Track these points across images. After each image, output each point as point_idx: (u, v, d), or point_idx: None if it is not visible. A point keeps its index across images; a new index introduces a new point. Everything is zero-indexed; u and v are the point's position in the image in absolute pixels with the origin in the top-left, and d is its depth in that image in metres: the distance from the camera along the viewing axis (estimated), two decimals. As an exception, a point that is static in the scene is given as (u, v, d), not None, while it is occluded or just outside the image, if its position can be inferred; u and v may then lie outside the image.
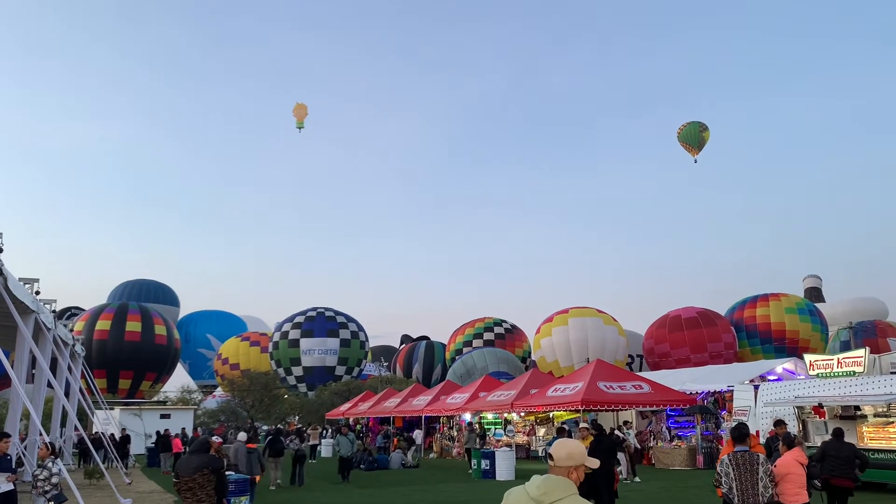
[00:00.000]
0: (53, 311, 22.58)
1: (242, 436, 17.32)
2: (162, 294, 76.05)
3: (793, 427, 18.09)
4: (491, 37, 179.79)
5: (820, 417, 18.69)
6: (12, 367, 17.72)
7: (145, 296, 72.58)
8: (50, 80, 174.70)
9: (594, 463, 3.55)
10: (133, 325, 56.37)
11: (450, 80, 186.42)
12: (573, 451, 3.38)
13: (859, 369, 19.55)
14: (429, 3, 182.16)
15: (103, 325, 55.59)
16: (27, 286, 18.55)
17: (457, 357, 58.29)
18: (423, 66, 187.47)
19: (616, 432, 21.94)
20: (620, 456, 19.13)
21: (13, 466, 10.68)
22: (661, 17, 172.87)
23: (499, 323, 63.99)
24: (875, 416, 17.37)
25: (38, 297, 19.60)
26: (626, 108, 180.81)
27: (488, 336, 61.55)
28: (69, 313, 64.36)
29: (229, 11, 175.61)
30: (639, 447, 25.51)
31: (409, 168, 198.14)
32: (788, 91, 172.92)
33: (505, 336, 62.00)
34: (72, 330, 38.83)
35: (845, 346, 44.89)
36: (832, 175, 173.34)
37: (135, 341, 55.81)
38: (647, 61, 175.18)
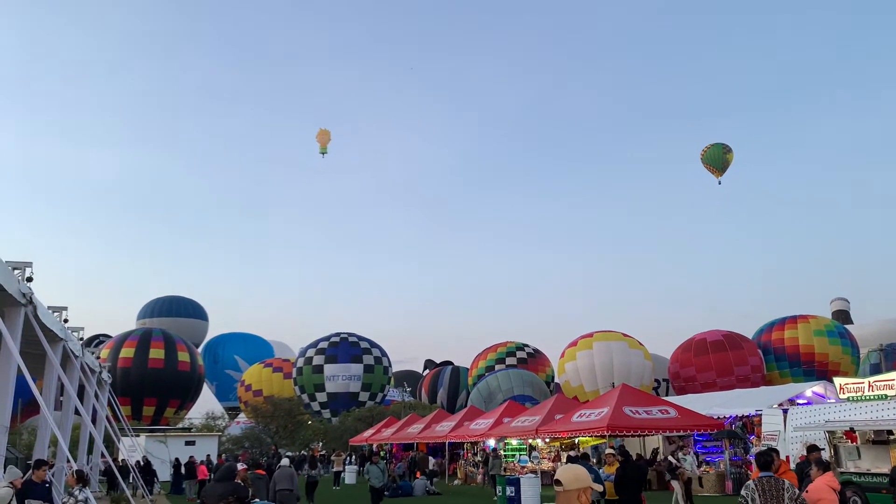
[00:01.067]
0: (81, 339, 22.89)
1: (286, 461, 17.38)
2: (192, 309, 76.90)
3: (824, 453, 17.74)
4: (509, 57, 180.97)
5: (852, 442, 18.32)
6: (41, 394, 17.95)
7: (175, 311, 73.48)
8: (76, 108, 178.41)
9: (598, 486, 3.79)
10: (156, 353, 56.83)
11: (465, 105, 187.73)
12: (579, 473, 3.60)
13: (891, 392, 19.17)
14: (441, 29, 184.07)
15: (127, 352, 56.13)
16: (56, 314, 18.83)
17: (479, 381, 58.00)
18: (438, 89, 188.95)
19: (670, 458, 21.53)
20: (675, 484, 18.78)
21: (51, 495, 10.68)
22: (678, 41, 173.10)
23: (521, 347, 63.64)
24: (909, 440, 17.00)
25: (67, 325, 19.87)
26: (647, 131, 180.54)
27: (511, 361, 61.19)
28: (97, 341, 65.10)
29: (251, 39, 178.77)
30: (697, 475, 24.37)
31: (429, 192, 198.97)
32: (814, 112, 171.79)
33: (528, 360, 61.59)
34: (98, 357, 39.28)
35: (875, 369, 44.04)
36: (858, 196, 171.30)
37: (158, 368, 56.22)
38: (667, 84, 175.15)
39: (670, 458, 21.78)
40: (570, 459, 17.57)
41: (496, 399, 48.13)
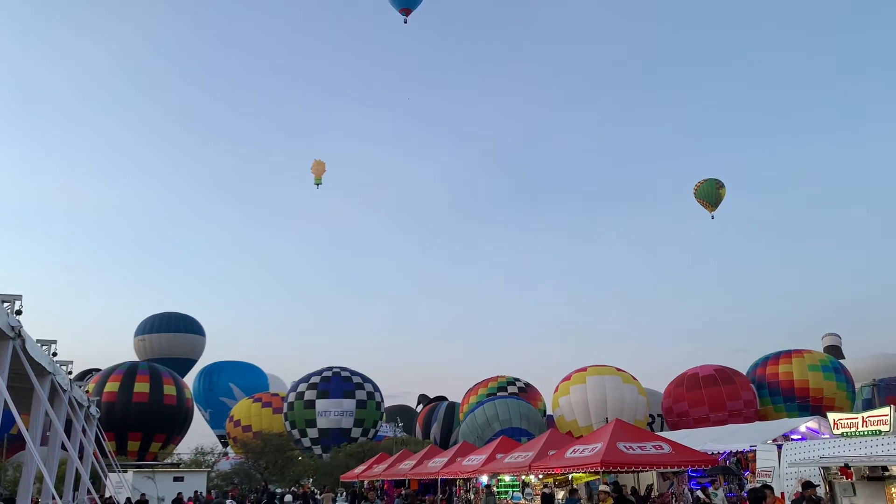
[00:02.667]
0: (70, 373, 22.64)
1: (289, 497, 17.17)
2: (189, 325, 76.55)
3: (819, 489, 17.59)
4: (503, 95, 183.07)
5: (847, 478, 18.20)
6: (27, 429, 17.70)
7: (173, 326, 73.11)
8: (67, 141, 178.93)
9: None
10: (141, 386, 56.05)
11: (463, 141, 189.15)
12: None
13: (885, 428, 19.07)
14: (442, 63, 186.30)
15: (112, 386, 55.40)
16: (44, 347, 18.66)
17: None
18: (437, 127, 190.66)
19: (699, 494, 21.19)
20: None
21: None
22: (670, 79, 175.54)
23: (512, 382, 63.27)
24: (904, 476, 16.89)
25: (56, 359, 19.67)
26: (638, 166, 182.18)
27: (502, 395, 60.81)
28: (89, 375, 64.56)
29: (248, 70, 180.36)
30: None
31: (424, 228, 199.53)
32: (805, 149, 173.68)
33: (519, 395, 61.22)
34: (87, 391, 38.79)
35: (868, 405, 43.95)
36: (849, 232, 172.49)
37: (142, 402, 55.42)
38: (658, 120, 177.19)
39: (699, 493, 21.43)
40: (571, 494, 17.37)
41: (492, 429, 47.62)
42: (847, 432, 20.15)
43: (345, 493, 41.90)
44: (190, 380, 76.75)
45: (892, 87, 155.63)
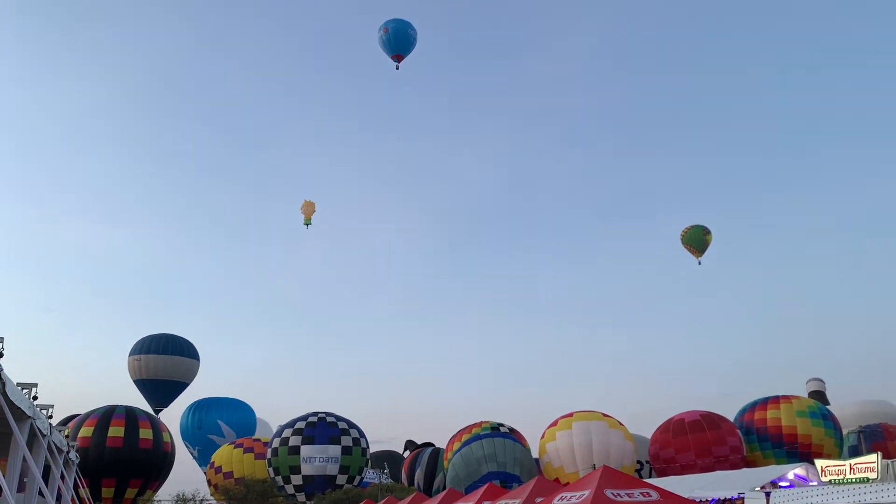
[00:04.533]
0: (50, 417, 22.31)
1: None
2: (184, 348, 75.81)
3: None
4: (487, 138, 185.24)
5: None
6: (3, 475, 17.32)
7: (167, 348, 72.39)
8: (54, 182, 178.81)
9: None
10: (116, 431, 54.88)
11: (443, 180, 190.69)
12: None
13: (873, 475, 19.06)
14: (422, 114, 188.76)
15: (86, 431, 54.24)
16: (25, 391, 18.41)
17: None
18: (417, 167, 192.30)
19: None
20: None
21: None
22: (654, 124, 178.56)
23: (496, 427, 62.66)
24: (892, 524, 16.82)
25: (36, 403, 19.40)
26: (624, 210, 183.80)
27: (498, 434, 60.09)
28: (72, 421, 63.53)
29: (235, 109, 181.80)
30: None
31: (412, 271, 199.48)
32: (790, 195, 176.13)
33: (513, 434, 60.58)
34: (66, 436, 38.12)
35: (854, 451, 43.89)
36: (833, 276, 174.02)
37: (117, 447, 54.22)
38: (644, 165, 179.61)
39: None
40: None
41: (484, 469, 46.90)
42: (835, 479, 20.12)
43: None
44: (179, 404, 76.04)
45: (871, 135, 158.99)
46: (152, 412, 64.96)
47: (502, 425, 62.97)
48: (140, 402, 71.41)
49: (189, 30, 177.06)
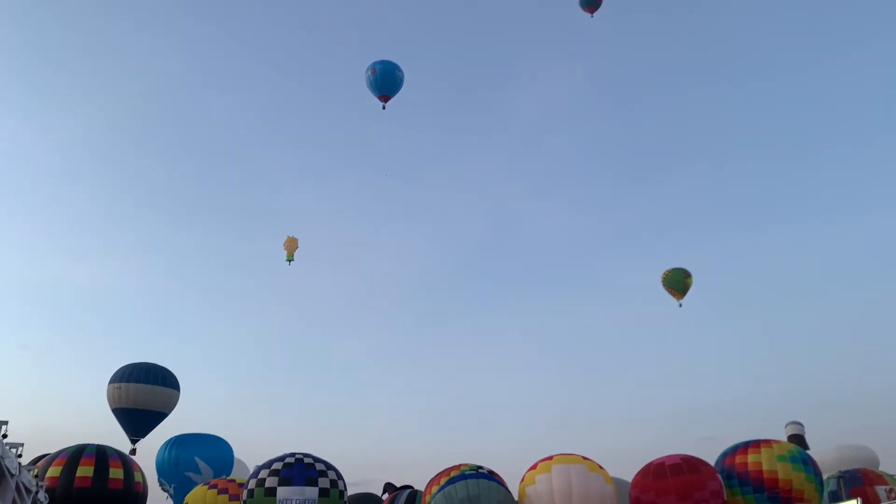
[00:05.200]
0: (19, 455, 21.99)
1: None
2: (164, 378, 74.52)
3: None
4: (469, 176, 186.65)
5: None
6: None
7: (147, 377, 71.07)
8: (32, 217, 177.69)
9: None
10: (84, 470, 53.16)
11: (430, 220, 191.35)
12: None
13: (850, 521, 19.13)
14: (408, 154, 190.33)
15: (54, 471, 52.48)
16: (-7, 429, 18.21)
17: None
18: (408, 203, 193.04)
19: None
20: None
21: None
22: (634, 166, 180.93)
23: (475, 469, 61.95)
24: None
25: (6, 441, 19.17)
26: (605, 250, 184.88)
27: (483, 475, 59.40)
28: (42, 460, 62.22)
29: (215, 143, 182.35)
30: None
31: (391, 311, 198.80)
32: (766, 237, 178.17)
33: (495, 476, 59.99)
34: (36, 475, 37.33)
35: (835, 497, 43.89)
36: (812, 320, 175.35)
37: (84, 487, 52.54)
38: (627, 204, 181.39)
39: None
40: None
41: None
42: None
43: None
44: (157, 437, 74.62)
45: (847, 180, 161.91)
46: (129, 441, 63.80)
47: (481, 468, 62.42)
48: (117, 432, 70.30)
49: (174, 65, 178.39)
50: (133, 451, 64.28)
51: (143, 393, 64.82)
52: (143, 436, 73.79)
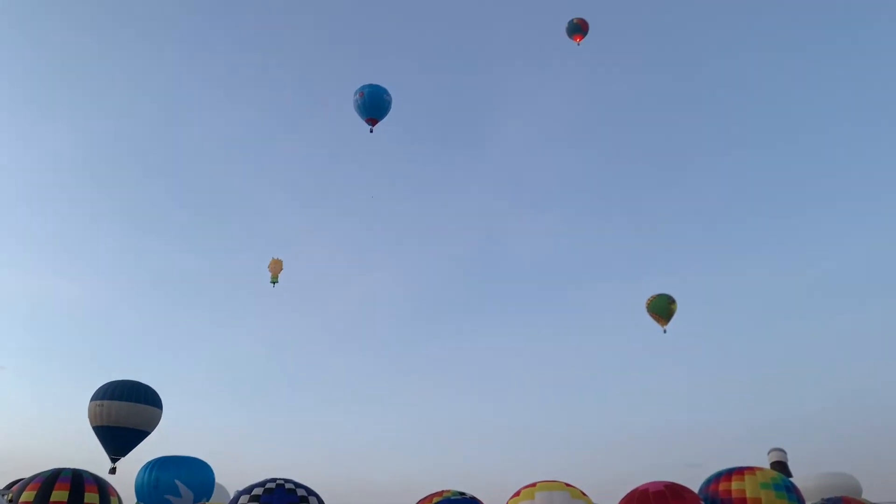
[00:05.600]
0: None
1: None
2: (145, 395, 73.04)
3: None
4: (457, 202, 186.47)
5: None
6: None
7: (129, 395, 69.76)
8: (7, 237, 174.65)
9: None
10: (59, 496, 51.80)
11: (416, 243, 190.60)
12: None
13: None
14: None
15: (28, 496, 51.29)
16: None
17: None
18: (394, 225, 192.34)
19: None
20: None
21: None
22: (619, 189, 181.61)
23: (458, 495, 61.17)
24: None
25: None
26: (589, 276, 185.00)
27: (466, 500, 58.64)
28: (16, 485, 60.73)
29: (200, 165, 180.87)
30: None
31: (374, 334, 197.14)
32: (752, 262, 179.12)
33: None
34: (10, 501, 36.22)
35: (817, 525, 43.48)
36: (792, 346, 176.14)
37: (58, 513, 51.52)
38: (609, 228, 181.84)
39: None
40: None
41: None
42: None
43: None
44: (137, 457, 73.01)
45: (832, 203, 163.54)
46: (109, 460, 62.23)
47: (464, 494, 61.58)
48: (97, 451, 68.77)
49: (157, 88, 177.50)
50: (113, 471, 63.11)
51: (125, 410, 63.52)
52: (124, 454, 72.32)
